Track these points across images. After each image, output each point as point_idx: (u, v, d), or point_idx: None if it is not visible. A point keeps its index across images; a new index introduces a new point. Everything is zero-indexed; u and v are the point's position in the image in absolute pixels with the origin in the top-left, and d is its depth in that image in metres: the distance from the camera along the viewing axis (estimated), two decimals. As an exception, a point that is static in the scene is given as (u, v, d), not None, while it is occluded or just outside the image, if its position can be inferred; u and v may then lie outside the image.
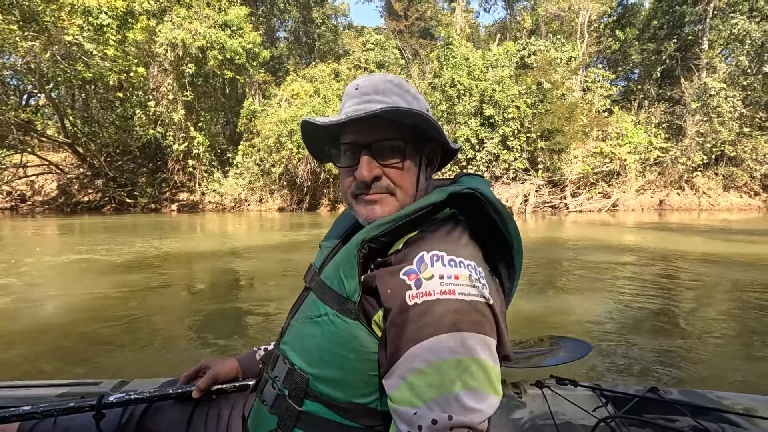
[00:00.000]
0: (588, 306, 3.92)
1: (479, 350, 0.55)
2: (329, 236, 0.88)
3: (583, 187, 19.23)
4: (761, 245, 7.75)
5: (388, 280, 0.60)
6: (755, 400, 1.23)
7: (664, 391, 1.23)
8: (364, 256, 0.66)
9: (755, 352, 2.83)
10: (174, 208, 18.56)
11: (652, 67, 23.49)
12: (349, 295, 0.64)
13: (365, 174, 0.69)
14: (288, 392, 0.68)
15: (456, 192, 0.66)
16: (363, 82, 0.73)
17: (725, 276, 5.21)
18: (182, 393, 0.92)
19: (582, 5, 23.80)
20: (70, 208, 18.63)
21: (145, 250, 7.47)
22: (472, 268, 0.60)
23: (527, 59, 20.23)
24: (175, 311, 3.87)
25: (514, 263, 0.70)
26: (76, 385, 1.20)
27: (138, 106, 15.95)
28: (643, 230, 11.32)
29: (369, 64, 23.46)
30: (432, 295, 0.56)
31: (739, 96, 19.13)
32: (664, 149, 19.76)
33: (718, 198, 20.64)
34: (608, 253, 7.06)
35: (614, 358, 2.68)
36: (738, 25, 19.65)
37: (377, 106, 0.68)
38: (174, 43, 14.45)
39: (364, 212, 0.72)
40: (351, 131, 0.71)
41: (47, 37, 10.96)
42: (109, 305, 3.96)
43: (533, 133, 17.97)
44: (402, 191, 0.71)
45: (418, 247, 0.62)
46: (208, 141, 17.52)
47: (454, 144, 0.79)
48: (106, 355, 2.77)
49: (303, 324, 0.72)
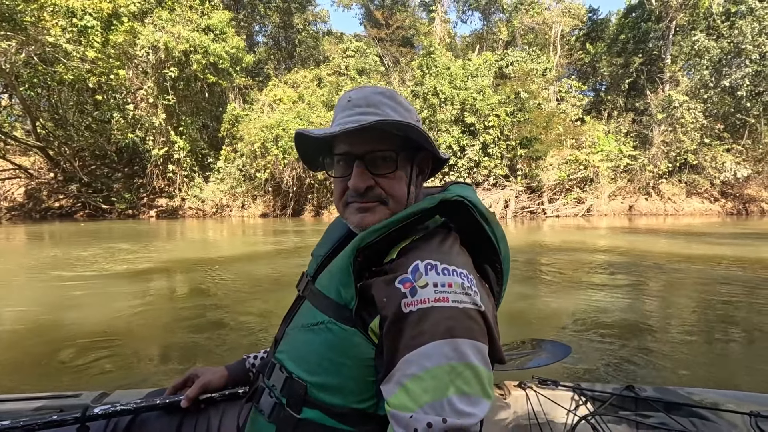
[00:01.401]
0: (566, 304, 4.17)
1: (472, 356, 0.57)
2: (321, 244, 0.88)
3: (559, 193, 19.99)
4: (721, 247, 8.42)
5: (384, 289, 0.61)
6: (722, 395, 1.30)
7: (639, 389, 1.28)
8: (360, 263, 0.67)
9: (717, 348, 3.06)
10: (152, 214, 18.04)
11: (620, 80, 24.77)
12: (346, 302, 0.65)
13: (359, 184, 0.71)
14: (286, 401, 0.68)
15: (446, 199, 0.68)
16: (355, 95, 0.74)
17: (690, 275, 5.66)
18: (170, 403, 0.88)
19: (555, 19, 24.87)
20: (40, 215, 17.80)
21: (126, 257, 7.28)
22: (465, 276, 0.62)
23: (505, 69, 20.97)
24: (155, 321, 3.73)
25: (501, 268, 0.74)
26: (55, 398, 1.14)
27: (116, 109, 15.47)
28: (617, 234, 11.93)
29: (350, 71, 23.63)
30: (427, 303, 0.58)
31: (701, 108, 20.46)
32: (633, 157, 20.83)
33: (681, 203, 21.90)
34: (586, 254, 7.51)
35: (591, 354, 2.88)
36: (698, 42, 21.05)
37: (370, 118, 0.69)
38: (156, 46, 14.18)
39: (355, 220, 0.74)
40: (344, 142, 0.73)
41: (25, 38, 10.54)
42: (82, 317, 3.78)
43: (512, 140, 18.60)
44: (394, 200, 0.73)
45: (412, 256, 0.64)
46: (189, 146, 17.17)
47: (444, 154, 0.81)
48: (82, 368, 2.65)
49: (299, 332, 0.72)
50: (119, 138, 16.06)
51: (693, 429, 1.11)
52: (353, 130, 0.67)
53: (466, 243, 0.71)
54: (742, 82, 19.89)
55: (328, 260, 0.80)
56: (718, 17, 21.48)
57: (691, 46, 21.51)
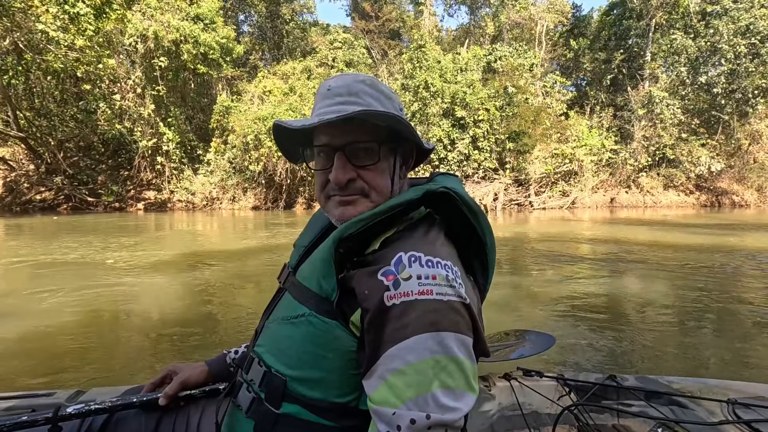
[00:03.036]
0: (552, 291, 4.47)
1: (456, 349, 0.56)
2: (304, 234, 0.87)
3: (545, 186, 20.56)
4: (695, 236, 9.22)
5: (366, 281, 0.60)
6: (701, 383, 1.36)
7: (621, 378, 1.32)
8: (341, 254, 0.65)
9: (691, 335, 3.28)
10: (140, 207, 17.69)
11: (602, 75, 25.48)
12: (327, 294, 0.64)
13: (340, 177, 0.69)
14: (265, 395, 0.67)
15: (431, 190, 0.66)
16: (335, 83, 0.71)
17: (669, 262, 6.19)
18: (147, 401, 0.85)
19: (540, 15, 25.32)
20: (21, 208, 17.22)
21: (120, 251, 7.25)
22: (449, 268, 0.60)
23: (494, 64, 21.31)
24: (138, 316, 3.66)
25: (487, 260, 0.72)
26: (27, 397, 1.10)
27: (102, 99, 15.06)
28: (601, 224, 12.52)
29: (338, 63, 23.52)
30: (410, 295, 0.57)
31: (678, 104, 21.32)
32: (615, 151, 21.58)
33: (659, 196, 22.86)
34: (578, 244, 8.07)
35: (576, 339, 3.05)
36: (677, 40, 21.84)
37: (351, 108, 0.67)
38: (145, 35, 13.82)
39: (337, 213, 0.72)
40: (324, 133, 0.70)
41: (10, 24, 10.12)
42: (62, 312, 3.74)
43: (501, 134, 18.99)
44: (376, 192, 0.71)
45: (395, 247, 0.62)
46: (178, 137, 16.88)
47: (428, 144, 0.79)
48: (60, 366, 2.57)
49: (279, 325, 0.71)
50: (105, 129, 15.65)
51: (673, 417, 1.13)
52: (333, 121, 0.65)
53: (452, 235, 0.69)
54: (718, 80, 20.78)
55: (310, 251, 0.77)
56: (695, 16, 22.31)
57: (669, 44, 22.31)
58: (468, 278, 0.67)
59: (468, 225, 0.68)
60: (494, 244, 0.72)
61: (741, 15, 19.89)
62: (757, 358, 2.79)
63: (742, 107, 21.35)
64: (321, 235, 0.81)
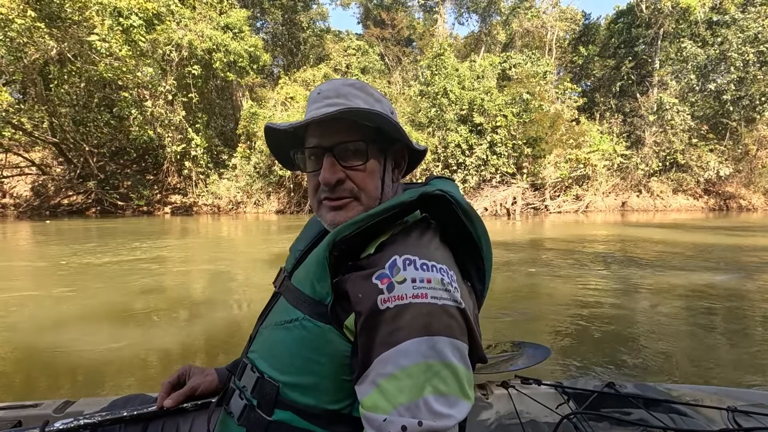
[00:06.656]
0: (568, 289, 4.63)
1: (450, 354, 0.55)
2: (300, 239, 0.86)
3: (560, 191, 21.08)
4: (705, 236, 9.85)
5: (360, 285, 0.59)
6: (700, 391, 1.33)
7: (620, 386, 1.29)
8: (336, 258, 0.64)
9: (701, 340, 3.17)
10: (167, 210, 18.10)
11: (611, 82, 26.09)
12: (321, 298, 0.63)
13: (328, 177, 0.69)
14: (257, 402, 0.66)
15: (427, 192, 0.65)
16: (325, 87, 0.73)
17: (680, 264, 6.41)
18: (138, 415, 0.85)
19: (552, 23, 25.94)
20: (50, 211, 17.59)
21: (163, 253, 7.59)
22: (444, 272, 0.59)
23: (508, 71, 21.87)
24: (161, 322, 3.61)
25: (484, 266, 0.71)
26: (14, 408, 1.06)
27: (134, 106, 15.52)
28: (616, 227, 13.03)
29: (352, 69, 24.04)
30: (404, 299, 0.56)
31: (688, 111, 21.92)
32: (626, 156, 22.13)
33: (669, 200, 23.45)
34: (594, 244, 8.67)
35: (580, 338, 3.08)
36: (686, 48, 22.47)
37: (338, 108, 0.67)
38: (179, 44, 14.29)
39: (329, 217, 0.72)
40: (314, 135, 0.71)
41: (62, 35, 10.55)
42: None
43: (519, 140, 19.52)
44: (366, 195, 0.71)
45: (390, 251, 0.61)
46: (205, 143, 17.33)
47: (418, 145, 0.78)
48: (49, 376, 2.53)
49: (273, 330, 0.70)
50: (137, 135, 16.09)
51: (672, 425, 1.11)
52: (321, 120, 0.66)
53: (448, 239, 0.68)
54: (727, 87, 21.41)
55: (305, 255, 0.77)
56: (702, 24, 22.97)
57: (678, 52, 22.94)
58: (465, 283, 0.66)
59: (464, 230, 0.67)
60: (491, 250, 0.72)
61: (749, 24, 20.54)
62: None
63: (749, 113, 21.99)
64: (316, 239, 0.81)
